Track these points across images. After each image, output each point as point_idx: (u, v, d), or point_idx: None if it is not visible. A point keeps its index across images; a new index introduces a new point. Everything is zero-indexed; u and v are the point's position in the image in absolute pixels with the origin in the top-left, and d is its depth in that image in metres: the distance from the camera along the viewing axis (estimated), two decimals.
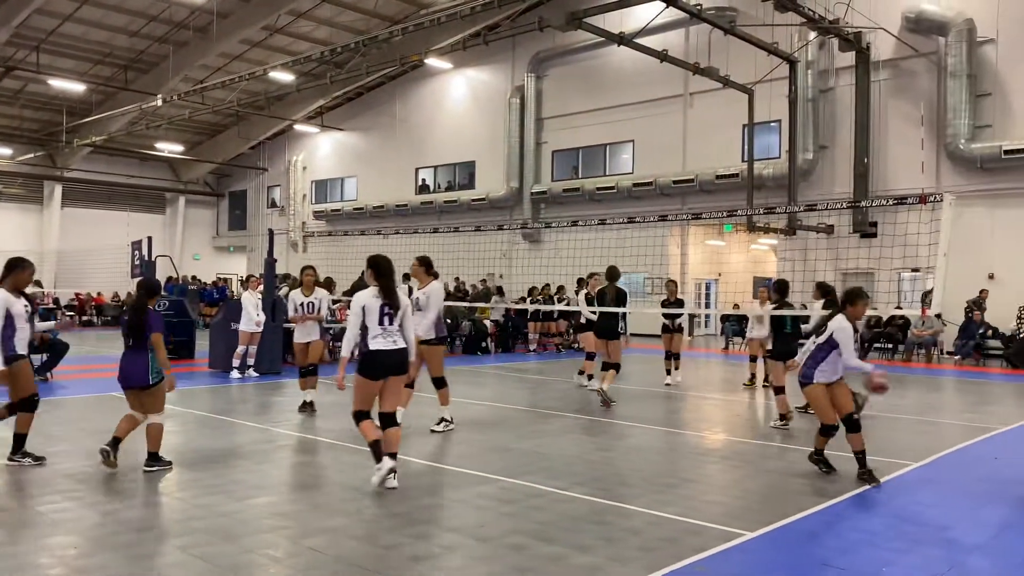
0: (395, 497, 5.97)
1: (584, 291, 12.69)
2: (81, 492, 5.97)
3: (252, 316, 13.18)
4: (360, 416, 6.28)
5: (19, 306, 6.71)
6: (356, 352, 6.32)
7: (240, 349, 13.16)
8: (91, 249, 30.74)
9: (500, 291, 21.81)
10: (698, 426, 9.69)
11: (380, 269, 6.38)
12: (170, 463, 6.77)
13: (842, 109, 22.21)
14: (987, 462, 7.74)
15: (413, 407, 10.52)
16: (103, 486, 6.16)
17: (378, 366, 6.16)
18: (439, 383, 8.73)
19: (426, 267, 8.62)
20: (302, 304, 10.19)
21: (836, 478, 6.77)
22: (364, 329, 6.20)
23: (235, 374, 13.15)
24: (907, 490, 6.50)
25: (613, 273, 11.07)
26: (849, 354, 6.74)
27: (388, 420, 6.26)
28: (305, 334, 10.16)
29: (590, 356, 12.52)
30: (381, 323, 6.18)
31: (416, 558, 4.70)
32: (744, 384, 13.23)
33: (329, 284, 17.91)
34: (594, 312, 11.35)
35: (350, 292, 17.61)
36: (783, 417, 9.40)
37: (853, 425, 6.75)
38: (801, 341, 8.27)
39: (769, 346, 10.25)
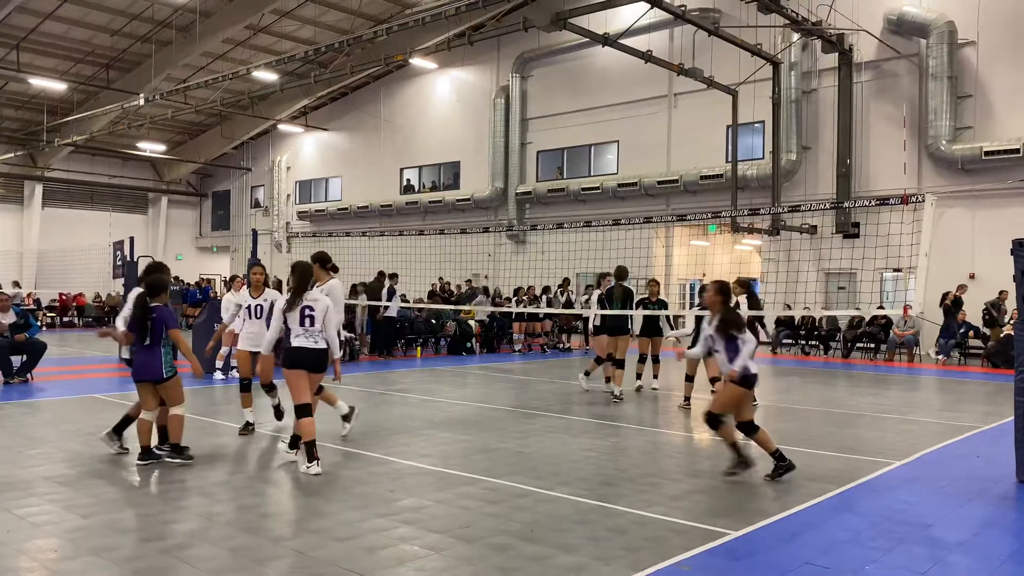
0: (379, 498, 5.95)
1: (597, 292, 12.47)
2: (61, 495, 5.90)
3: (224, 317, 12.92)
4: (302, 410, 6.70)
5: None
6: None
7: (224, 350, 13.02)
8: (73, 249, 30.47)
9: (487, 292, 21.77)
10: (682, 426, 9.72)
11: (304, 276, 6.89)
12: (192, 457, 7.00)
13: (825, 110, 22.37)
14: (969, 460, 7.80)
15: (393, 407, 10.51)
16: (84, 489, 6.10)
17: (301, 361, 6.71)
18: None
19: (320, 263, 8.11)
20: (249, 307, 8.83)
21: (815, 476, 6.80)
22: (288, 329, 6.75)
23: (218, 375, 13.05)
24: (890, 489, 6.54)
25: (621, 272, 11.55)
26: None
27: (304, 410, 6.76)
28: (252, 342, 8.66)
29: (599, 360, 12.19)
30: (302, 324, 6.71)
31: (400, 559, 4.68)
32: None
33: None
34: (605, 312, 11.66)
35: (370, 295, 17.66)
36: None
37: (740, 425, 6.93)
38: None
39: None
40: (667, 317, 12.41)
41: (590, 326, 13.18)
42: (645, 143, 25.79)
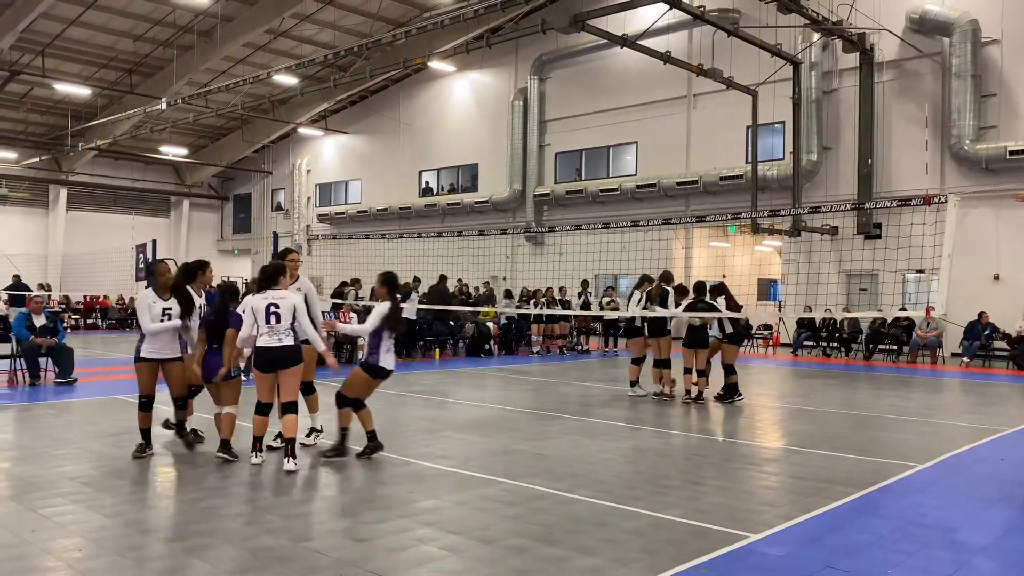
0: (398, 500, 5.97)
1: (638, 294, 12.31)
2: (86, 494, 5.97)
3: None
4: (260, 408, 6.91)
5: None
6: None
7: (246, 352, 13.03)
8: (96, 252, 30.83)
9: (508, 294, 21.78)
10: (700, 428, 9.68)
11: (264, 275, 7.03)
12: (236, 456, 7.16)
13: (846, 110, 22.19)
14: (993, 463, 7.71)
15: (412, 409, 10.54)
16: (108, 489, 6.17)
17: (266, 362, 6.81)
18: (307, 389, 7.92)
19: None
20: (164, 311, 7.39)
21: (836, 480, 6.74)
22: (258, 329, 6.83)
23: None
24: (912, 492, 6.48)
25: (667, 276, 11.81)
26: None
27: (286, 408, 6.93)
28: (157, 349, 7.37)
29: (636, 361, 12.10)
30: (268, 322, 6.76)
31: (419, 560, 4.70)
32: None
33: (356, 283, 18.02)
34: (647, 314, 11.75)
35: (432, 299, 17.87)
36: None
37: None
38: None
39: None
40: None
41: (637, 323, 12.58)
42: (664, 144, 25.71)
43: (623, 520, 5.52)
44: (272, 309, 6.77)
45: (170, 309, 7.35)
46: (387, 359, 7.21)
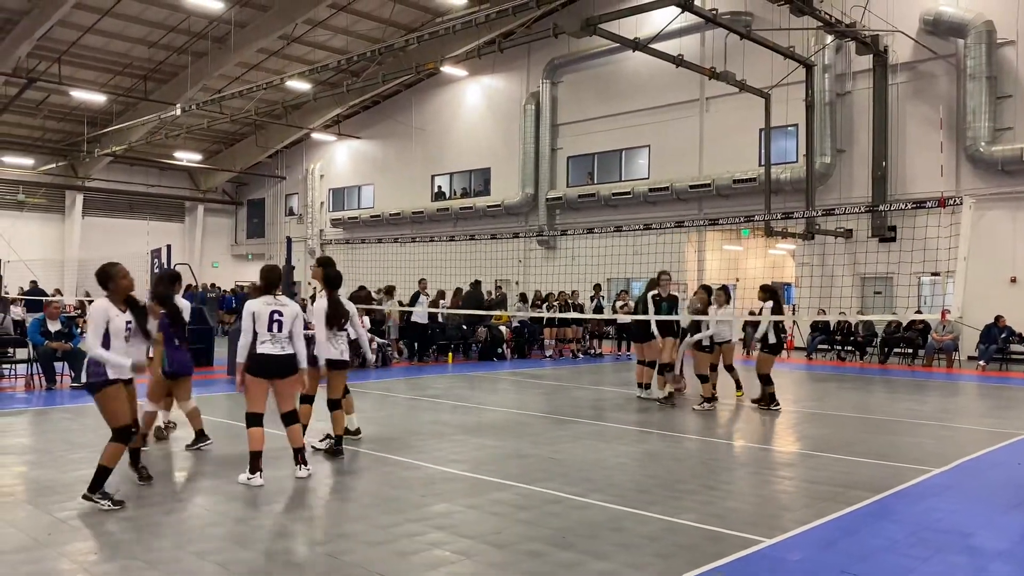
0: (411, 504, 5.98)
1: (686, 300, 12.30)
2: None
3: None
4: (252, 419, 6.59)
5: None
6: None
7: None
8: (111, 258, 31.06)
9: (523, 298, 21.78)
10: (716, 432, 9.64)
11: (269, 279, 6.83)
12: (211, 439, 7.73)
13: (860, 113, 22.07)
14: (1010, 468, 7.64)
15: (425, 413, 10.55)
16: (122, 493, 6.20)
17: (265, 368, 6.59)
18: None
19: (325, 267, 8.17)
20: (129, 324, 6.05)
21: (852, 484, 6.69)
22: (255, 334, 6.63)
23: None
24: (928, 496, 6.43)
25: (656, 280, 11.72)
26: None
27: (288, 418, 6.80)
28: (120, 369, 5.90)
29: (652, 364, 12.10)
30: (270, 329, 6.58)
31: (432, 564, 4.70)
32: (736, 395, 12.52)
33: (390, 291, 18.14)
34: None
35: (468, 303, 18.03)
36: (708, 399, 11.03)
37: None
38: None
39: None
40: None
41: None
42: (677, 147, 25.66)
43: (637, 524, 5.51)
44: (276, 316, 6.58)
45: (131, 323, 6.04)
46: (331, 350, 7.58)
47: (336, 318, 7.54)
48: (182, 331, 7.77)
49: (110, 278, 6.00)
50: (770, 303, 10.96)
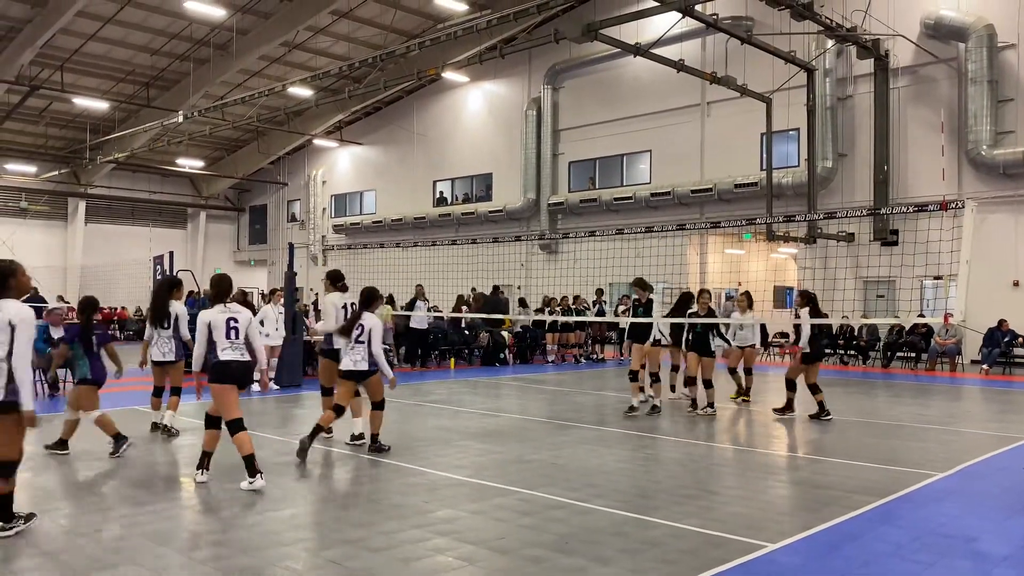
0: (414, 510, 5.97)
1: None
2: (103, 506, 6.01)
3: (264, 329, 13.17)
4: (236, 425, 6.63)
5: None
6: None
7: (272, 361, 13.26)
8: (114, 264, 31.12)
9: (523, 303, 21.78)
10: (718, 437, 9.62)
11: (220, 288, 6.96)
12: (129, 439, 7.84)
13: (861, 117, 22.07)
14: (1014, 472, 7.62)
15: (427, 419, 10.54)
16: (125, 498, 6.21)
17: (231, 375, 6.69)
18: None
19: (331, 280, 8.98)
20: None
21: (855, 489, 6.68)
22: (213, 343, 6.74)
23: (256, 387, 13.16)
24: (932, 501, 6.41)
25: (641, 282, 11.45)
26: None
27: (235, 425, 6.68)
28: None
29: (676, 368, 12.85)
30: (228, 336, 6.71)
31: (435, 570, 4.70)
32: (731, 397, 12.67)
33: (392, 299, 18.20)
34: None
35: (485, 308, 18.15)
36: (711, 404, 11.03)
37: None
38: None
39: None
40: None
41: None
42: (678, 152, 25.67)
43: (640, 530, 5.50)
44: (232, 323, 6.71)
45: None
46: (346, 360, 8.00)
47: (349, 330, 7.90)
48: (103, 338, 8.13)
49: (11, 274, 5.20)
50: (806, 309, 10.81)
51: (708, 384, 11.15)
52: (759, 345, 13.37)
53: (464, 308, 19.16)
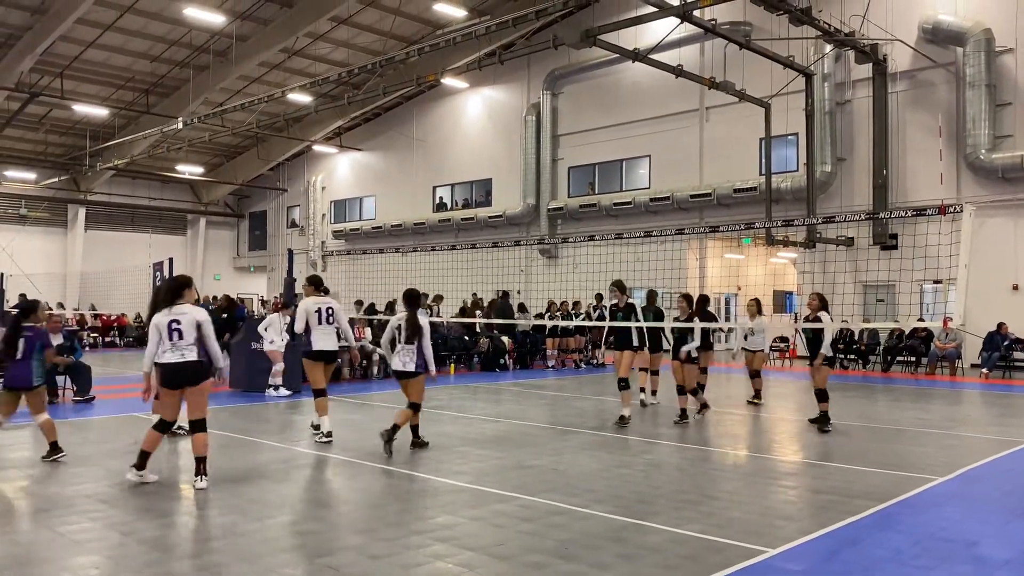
0: (414, 516, 5.97)
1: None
2: (102, 512, 6.00)
3: (268, 336, 13.41)
4: (162, 425, 6.90)
5: None
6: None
7: (277, 366, 13.46)
8: (114, 271, 31.12)
9: (522, 308, 21.77)
10: (717, 442, 9.61)
11: (167, 289, 7.09)
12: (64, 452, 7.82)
13: (860, 121, 22.11)
14: (1015, 476, 7.61)
15: (427, 424, 10.53)
16: (124, 506, 6.20)
17: (168, 378, 6.79)
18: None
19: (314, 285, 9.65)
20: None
21: (855, 493, 6.67)
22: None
23: (271, 392, 13.44)
24: (932, 505, 6.40)
25: (620, 285, 11.43)
26: None
27: (194, 426, 6.82)
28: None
29: (655, 372, 13.07)
30: (170, 338, 6.77)
31: None
32: (748, 401, 12.94)
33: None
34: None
35: (499, 314, 18.18)
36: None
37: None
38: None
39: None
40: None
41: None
42: (677, 157, 25.71)
43: (640, 535, 5.49)
44: (174, 326, 6.75)
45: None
46: (396, 361, 8.45)
47: (413, 334, 8.33)
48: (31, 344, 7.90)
49: None
50: (823, 312, 10.35)
51: (682, 391, 10.79)
52: (766, 350, 13.51)
53: (478, 314, 19.18)
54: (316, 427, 9.26)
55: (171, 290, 6.99)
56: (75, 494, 6.52)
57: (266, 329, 13.62)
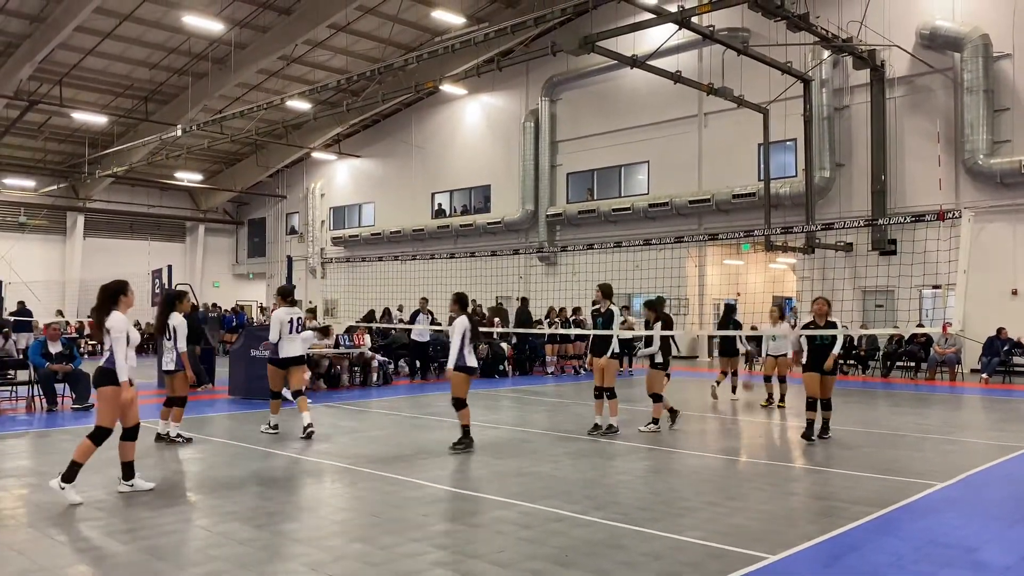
0: (413, 523, 5.95)
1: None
2: (101, 521, 5.99)
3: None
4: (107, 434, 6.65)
5: None
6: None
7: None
8: (113, 278, 31.10)
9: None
10: (718, 448, 9.60)
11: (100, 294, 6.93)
12: None
13: (858, 127, 22.15)
14: (1015, 481, 7.60)
15: (426, 432, 10.51)
16: (123, 515, 6.18)
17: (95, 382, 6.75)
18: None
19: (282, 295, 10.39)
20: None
21: (856, 499, 6.66)
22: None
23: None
24: (933, 511, 6.39)
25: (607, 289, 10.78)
26: None
27: (129, 433, 6.83)
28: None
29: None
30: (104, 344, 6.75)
31: None
32: (762, 404, 13.16)
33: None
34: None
35: (517, 321, 18.27)
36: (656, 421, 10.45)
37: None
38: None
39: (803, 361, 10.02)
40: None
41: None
42: (676, 163, 25.74)
43: (640, 542, 5.47)
44: (107, 331, 6.73)
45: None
46: (471, 359, 9.01)
47: (477, 335, 9.22)
48: None
49: None
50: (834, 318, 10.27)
51: (657, 398, 10.47)
52: (790, 355, 13.43)
53: (497, 321, 19.22)
54: (274, 426, 10.13)
55: (103, 296, 6.84)
56: (74, 503, 6.49)
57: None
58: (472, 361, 9.06)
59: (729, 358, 14.09)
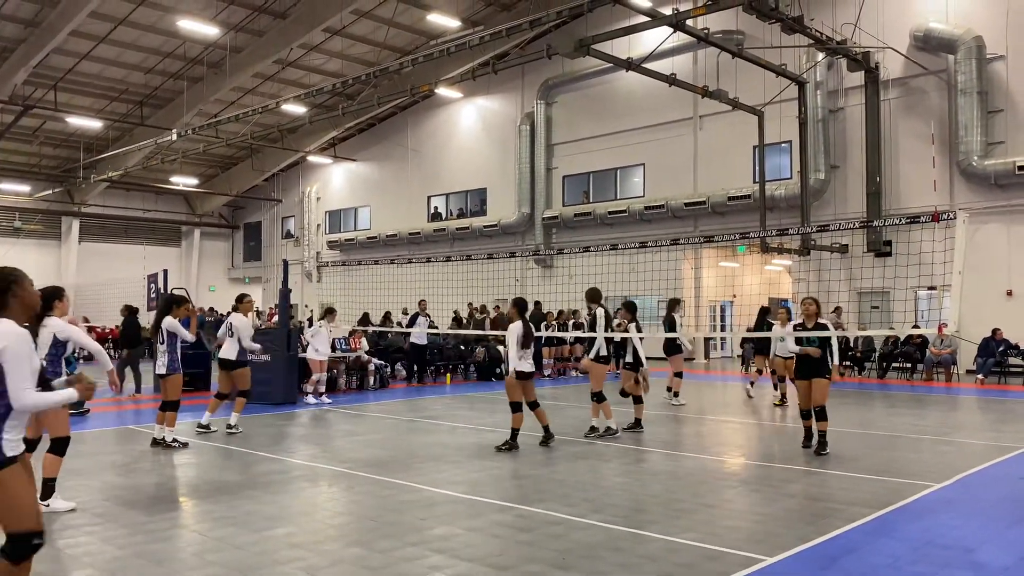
0: (410, 527, 5.94)
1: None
2: (98, 526, 5.97)
3: (314, 344, 14.19)
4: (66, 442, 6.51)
5: None
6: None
7: (315, 376, 14.07)
8: (108, 283, 31.02)
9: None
10: (715, 450, 9.60)
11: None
12: None
13: (853, 129, 22.20)
14: (1011, 481, 7.61)
15: (423, 435, 10.50)
16: (120, 520, 6.16)
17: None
18: None
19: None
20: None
21: (853, 500, 6.67)
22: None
23: (311, 399, 13.91)
24: (930, 512, 6.40)
25: (595, 293, 11.16)
26: None
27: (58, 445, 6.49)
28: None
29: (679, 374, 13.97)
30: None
31: None
32: (775, 404, 13.44)
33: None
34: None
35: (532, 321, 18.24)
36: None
37: None
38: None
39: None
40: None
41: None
42: (671, 165, 25.77)
43: (637, 544, 5.47)
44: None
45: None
46: (524, 365, 9.12)
47: (529, 339, 9.17)
48: None
49: None
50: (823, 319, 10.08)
51: (598, 398, 10.40)
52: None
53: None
54: (206, 426, 10.50)
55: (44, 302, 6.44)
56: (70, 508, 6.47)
57: (313, 336, 14.24)
58: (525, 367, 9.18)
59: (764, 356, 14.46)
